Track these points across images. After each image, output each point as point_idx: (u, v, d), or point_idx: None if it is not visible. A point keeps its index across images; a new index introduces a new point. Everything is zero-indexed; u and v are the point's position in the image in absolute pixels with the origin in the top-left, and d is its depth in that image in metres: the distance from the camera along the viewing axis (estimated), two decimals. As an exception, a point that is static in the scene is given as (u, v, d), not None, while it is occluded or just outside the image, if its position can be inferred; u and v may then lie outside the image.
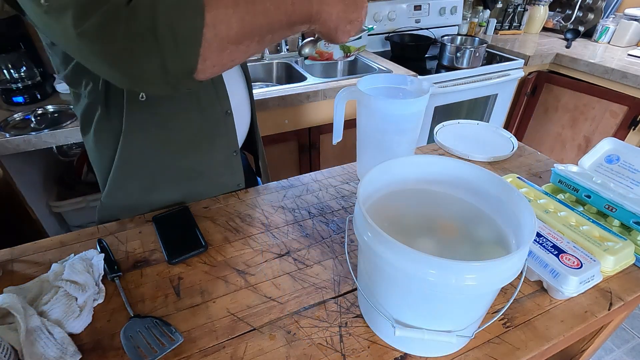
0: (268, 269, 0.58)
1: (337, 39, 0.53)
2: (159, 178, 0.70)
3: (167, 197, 0.72)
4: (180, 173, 0.71)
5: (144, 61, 0.40)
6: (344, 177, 0.81)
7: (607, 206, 0.64)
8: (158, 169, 0.69)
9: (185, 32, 0.39)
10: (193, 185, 0.73)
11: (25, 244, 0.62)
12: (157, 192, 0.71)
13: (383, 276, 0.41)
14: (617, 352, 1.44)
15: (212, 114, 0.68)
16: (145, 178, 0.69)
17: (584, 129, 1.85)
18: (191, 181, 0.73)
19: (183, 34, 0.39)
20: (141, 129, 0.64)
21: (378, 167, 0.47)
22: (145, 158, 0.67)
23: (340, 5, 0.50)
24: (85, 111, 0.64)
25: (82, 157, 1.44)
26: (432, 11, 1.91)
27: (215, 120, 0.69)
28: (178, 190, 0.73)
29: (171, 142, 0.67)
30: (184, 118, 0.66)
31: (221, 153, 0.74)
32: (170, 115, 0.65)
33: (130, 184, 0.69)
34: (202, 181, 0.74)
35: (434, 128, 0.95)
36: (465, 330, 0.42)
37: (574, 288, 0.50)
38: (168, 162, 0.69)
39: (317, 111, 1.41)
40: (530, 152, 0.90)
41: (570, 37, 1.99)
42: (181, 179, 0.72)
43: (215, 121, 0.69)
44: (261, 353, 0.46)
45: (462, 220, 0.48)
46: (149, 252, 0.61)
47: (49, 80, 1.30)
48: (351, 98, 0.68)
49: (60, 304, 0.47)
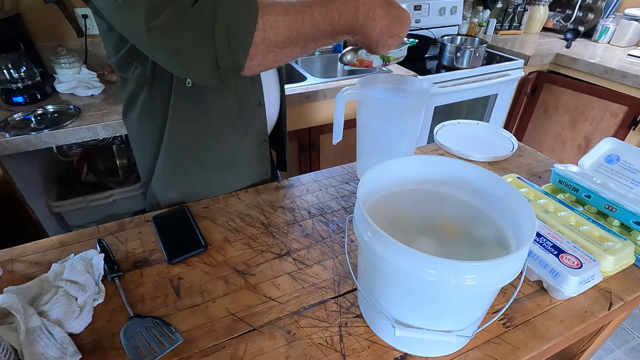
0: (268, 269, 0.58)
1: (377, 51, 0.57)
2: (204, 165, 0.75)
3: (211, 186, 0.76)
4: (220, 161, 0.76)
5: (200, 56, 0.46)
6: (344, 177, 0.81)
7: (607, 206, 0.64)
8: (202, 155, 0.74)
9: (238, 34, 0.45)
10: (230, 174, 0.78)
11: (25, 244, 0.62)
12: (202, 181, 0.76)
13: (383, 276, 0.41)
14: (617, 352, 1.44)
15: (246, 103, 0.72)
16: (192, 165, 0.74)
17: (584, 129, 1.85)
18: (229, 170, 0.77)
19: (236, 35, 0.45)
20: (186, 113, 0.68)
21: (378, 167, 0.47)
22: (189, 143, 0.72)
23: (384, 20, 0.53)
24: (131, 95, 0.69)
25: (82, 157, 1.44)
26: (432, 11, 1.91)
27: (249, 109, 0.73)
28: (219, 179, 0.77)
29: (211, 128, 0.71)
30: (223, 105, 0.70)
31: (253, 141, 0.78)
32: (210, 102, 0.68)
33: (180, 170, 0.74)
34: (237, 169, 0.78)
35: (434, 128, 0.95)
36: (465, 330, 0.42)
37: (574, 288, 0.50)
38: (210, 148, 0.73)
39: (317, 111, 1.41)
40: (530, 152, 0.90)
41: (570, 37, 1.99)
42: (222, 167, 0.76)
43: (249, 110, 0.73)
44: (261, 353, 0.46)
45: (462, 220, 0.48)
46: (149, 252, 0.61)
47: (49, 80, 1.30)
48: (351, 98, 0.68)
49: (60, 304, 0.47)
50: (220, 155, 0.75)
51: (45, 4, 1.23)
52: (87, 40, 1.38)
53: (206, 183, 0.76)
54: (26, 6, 1.28)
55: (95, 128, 1.09)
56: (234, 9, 0.45)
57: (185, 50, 0.46)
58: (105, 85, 1.32)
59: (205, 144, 0.73)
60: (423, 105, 0.67)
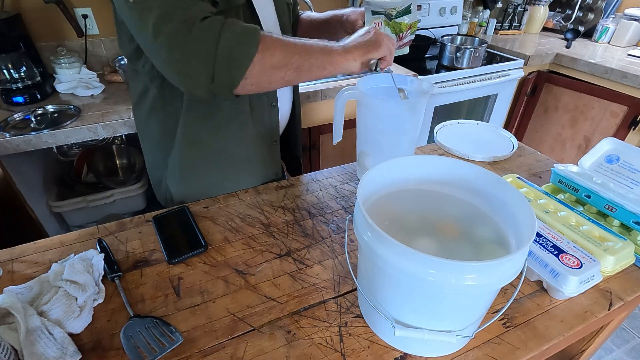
0: (268, 269, 0.58)
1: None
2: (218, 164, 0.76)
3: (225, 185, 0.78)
4: (233, 160, 0.77)
5: (199, 68, 0.50)
6: (344, 177, 0.81)
7: (607, 206, 0.64)
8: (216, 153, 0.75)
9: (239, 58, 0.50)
10: (244, 174, 0.79)
11: (25, 244, 0.62)
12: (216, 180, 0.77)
13: (383, 276, 0.41)
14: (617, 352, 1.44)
15: (259, 103, 0.73)
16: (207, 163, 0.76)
17: (584, 129, 1.85)
18: (242, 169, 0.79)
19: (237, 58, 0.50)
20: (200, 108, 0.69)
21: (378, 167, 0.47)
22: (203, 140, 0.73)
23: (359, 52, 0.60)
24: (142, 87, 0.70)
25: (82, 157, 1.44)
26: (432, 11, 1.91)
27: (260, 110, 0.75)
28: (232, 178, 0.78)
29: (224, 126, 0.73)
30: (235, 104, 0.71)
31: (264, 142, 0.79)
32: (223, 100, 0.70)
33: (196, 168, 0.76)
34: (250, 169, 0.80)
35: (434, 128, 0.95)
36: (465, 330, 0.42)
37: (574, 288, 0.50)
38: (223, 146, 0.75)
39: (317, 111, 1.41)
40: (530, 152, 0.90)
41: (570, 37, 1.99)
42: (235, 166, 0.78)
43: (261, 111, 0.75)
44: (261, 353, 0.46)
45: (462, 220, 0.48)
46: (149, 252, 0.61)
47: (49, 80, 1.30)
48: (351, 98, 0.68)
49: (60, 304, 0.47)
50: (233, 154, 0.76)
51: (45, 4, 1.23)
52: (87, 40, 1.38)
53: (220, 182, 0.78)
54: (26, 6, 1.28)
55: (95, 128, 1.09)
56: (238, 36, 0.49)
57: (186, 61, 0.50)
58: (105, 85, 1.32)
59: (218, 141, 0.74)
60: (423, 106, 0.67)
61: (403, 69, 1.58)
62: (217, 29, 0.48)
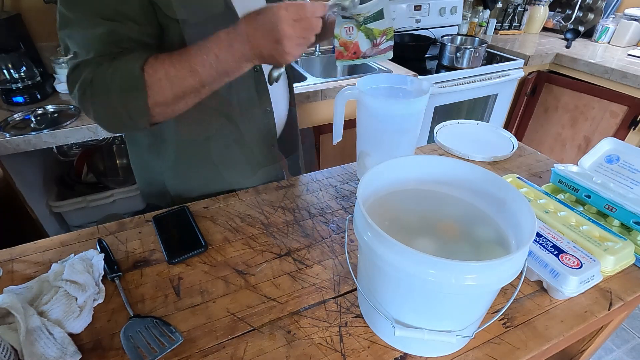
0: (268, 269, 0.58)
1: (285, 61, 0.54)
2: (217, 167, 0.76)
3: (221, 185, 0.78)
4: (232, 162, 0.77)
5: (111, 122, 0.57)
6: (344, 177, 0.81)
7: (607, 206, 0.64)
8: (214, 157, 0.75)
9: (135, 108, 0.54)
10: (244, 177, 0.79)
11: (25, 244, 0.62)
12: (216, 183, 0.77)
13: (383, 276, 0.41)
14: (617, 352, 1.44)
15: (251, 111, 0.73)
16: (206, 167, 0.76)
17: (584, 129, 1.85)
18: (242, 172, 0.79)
19: (134, 109, 0.54)
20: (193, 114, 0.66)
21: (378, 167, 0.47)
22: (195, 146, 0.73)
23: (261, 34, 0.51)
24: None
25: (82, 157, 1.44)
26: (432, 11, 1.91)
27: (253, 117, 0.74)
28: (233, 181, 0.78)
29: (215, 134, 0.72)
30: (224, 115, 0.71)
31: (262, 146, 0.79)
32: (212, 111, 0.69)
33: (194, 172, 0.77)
34: (250, 172, 0.80)
35: (434, 128, 0.95)
36: (465, 330, 0.42)
37: (574, 288, 0.50)
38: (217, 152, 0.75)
39: (317, 111, 1.41)
40: (530, 152, 0.90)
41: (570, 37, 1.99)
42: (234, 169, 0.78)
43: (254, 117, 0.74)
44: (261, 353, 0.46)
45: (462, 220, 0.48)
46: (149, 252, 0.61)
47: (49, 80, 1.30)
48: (351, 98, 0.68)
49: (60, 304, 0.47)
50: (230, 158, 0.76)
51: (45, 4, 1.23)
52: (87, 40, 1.38)
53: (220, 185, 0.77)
54: (26, 6, 1.28)
55: (95, 128, 1.09)
56: (122, 91, 0.52)
57: (102, 118, 0.56)
58: (105, 85, 1.32)
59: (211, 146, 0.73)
60: (423, 105, 0.67)
61: (403, 69, 1.58)
62: (104, 91, 0.52)
